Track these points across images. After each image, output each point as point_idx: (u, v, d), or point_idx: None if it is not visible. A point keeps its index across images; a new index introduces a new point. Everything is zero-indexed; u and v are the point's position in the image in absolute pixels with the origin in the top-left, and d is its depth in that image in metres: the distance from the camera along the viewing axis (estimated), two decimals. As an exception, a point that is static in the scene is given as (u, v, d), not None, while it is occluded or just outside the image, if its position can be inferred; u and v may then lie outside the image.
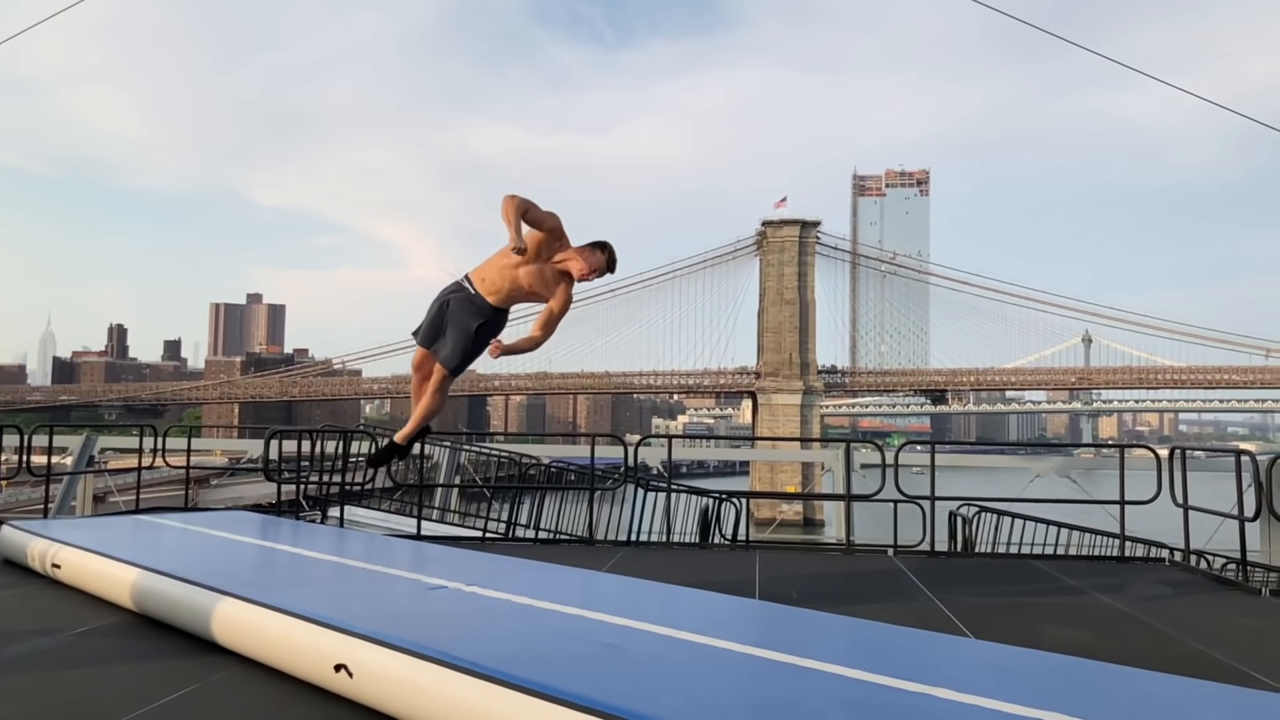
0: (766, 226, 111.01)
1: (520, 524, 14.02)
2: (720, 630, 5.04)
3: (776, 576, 8.74)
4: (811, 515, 75.60)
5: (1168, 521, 10.43)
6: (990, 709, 3.81)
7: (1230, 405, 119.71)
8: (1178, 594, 8.60)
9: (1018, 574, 9.44)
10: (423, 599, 5.87)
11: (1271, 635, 6.89)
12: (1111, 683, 4.40)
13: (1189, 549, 10.42)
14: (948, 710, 3.80)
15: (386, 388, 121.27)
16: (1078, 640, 6.23)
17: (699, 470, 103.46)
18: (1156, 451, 11.25)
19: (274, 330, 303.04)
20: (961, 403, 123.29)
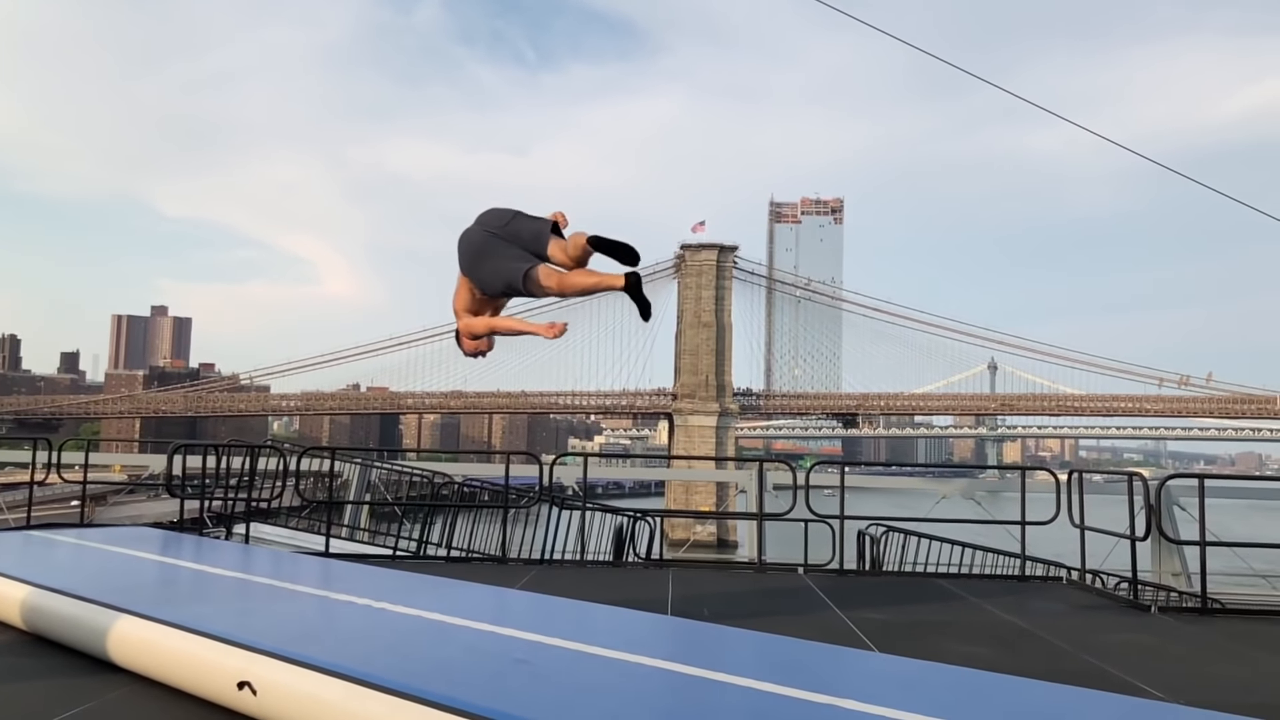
0: (685, 250, 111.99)
1: (432, 543, 13.83)
2: (632, 646, 5.06)
3: (689, 594, 8.80)
4: (725, 536, 76.07)
5: (1068, 544, 10.79)
6: (891, 718, 3.91)
7: (1126, 432, 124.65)
8: (1073, 611, 8.92)
9: (923, 592, 9.67)
10: (331, 615, 5.77)
11: (1159, 649, 7.19)
12: (1008, 694, 4.55)
13: (1084, 568, 10.81)
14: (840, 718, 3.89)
15: (296, 405, 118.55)
16: (978, 655, 6.41)
17: (615, 490, 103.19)
18: (1056, 474, 11.67)
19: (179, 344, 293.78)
20: (872, 426, 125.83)
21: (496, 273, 5.69)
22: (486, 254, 5.72)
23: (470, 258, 5.80)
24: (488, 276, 5.76)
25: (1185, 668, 6.58)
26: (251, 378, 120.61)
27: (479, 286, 5.86)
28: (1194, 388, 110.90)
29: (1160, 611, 9.04)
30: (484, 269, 5.75)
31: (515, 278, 5.61)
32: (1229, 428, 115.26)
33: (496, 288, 5.80)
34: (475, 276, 5.83)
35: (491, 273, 5.72)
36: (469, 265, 5.82)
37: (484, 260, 5.73)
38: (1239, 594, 14.17)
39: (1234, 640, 7.61)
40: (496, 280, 5.73)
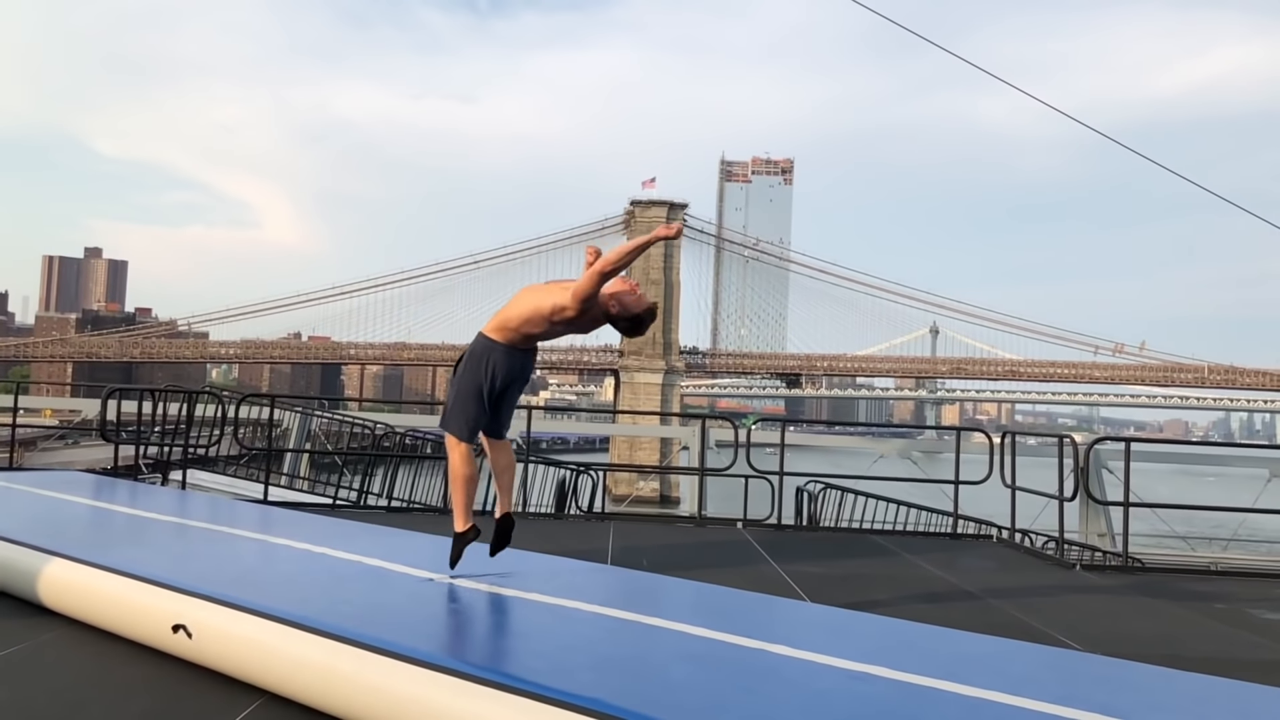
0: (635, 206, 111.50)
1: (373, 493, 13.79)
2: (570, 593, 5.13)
3: (629, 546, 8.91)
4: (669, 492, 76.68)
5: (1001, 504, 11.10)
6: (822, 664, 4.03)
7: (1062, 398, 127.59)
8: (1001, 568, 9.20)
9: (858, 547, 9.89)
10: (268, 560, 5.75)
11: (1078, 603, 7.47)
12: (933, 642, 4.70)
13: (1014, 528, 11.13)
14: (783, 664, 4.00)
15: (235, 352, 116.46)
16: (907, 607, 6.59)
17: (560, 445, 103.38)
18: (990, 435, 11.96)
19: (115, 288, 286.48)
20: (815, 387, 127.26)
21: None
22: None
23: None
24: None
25: (1102, 621, 6.84)
26: (190, 324, 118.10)
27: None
28: (1128, 356, 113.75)
29: (1083, 569, 9.36)
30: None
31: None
32: (1159, 395, 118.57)
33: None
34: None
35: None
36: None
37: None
38: (1160, 554, 14.74)
39: (1149, 596, 7.93)
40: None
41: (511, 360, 5.26)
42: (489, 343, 5.24)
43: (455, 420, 5.27)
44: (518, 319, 5.19)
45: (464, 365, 5.27)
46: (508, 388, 5.33)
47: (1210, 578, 10.16)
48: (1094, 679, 4.17)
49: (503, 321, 5.22)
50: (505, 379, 5.26)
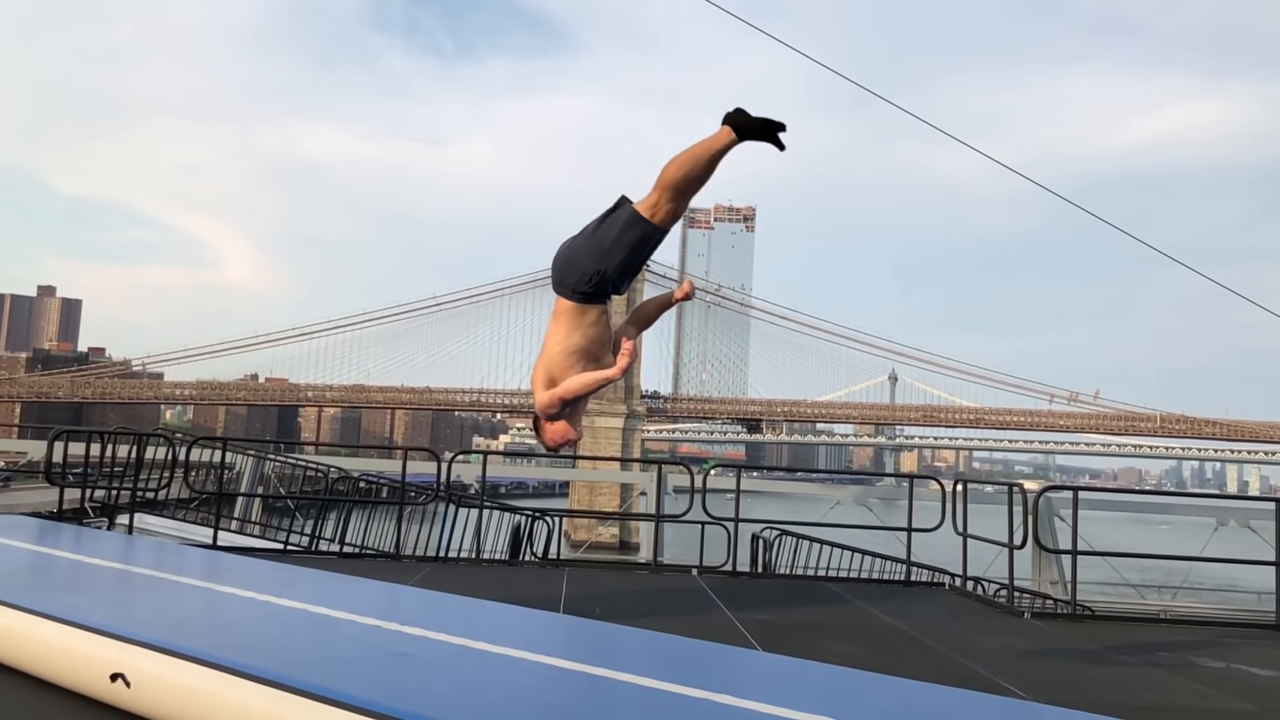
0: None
1: (325, 538, 13.61)
2: (518, 641, 5.10)
3: (582, 593, 8.87)
4: (628, 538, 76.28)
5: (955, 551, 11.20)
6: (767, 713, 4.04)
7: (1018, 445, 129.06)
8: (951, 615, 9.28)
9: (811, 594, 9.93)
10: (212, 607, 5.67)
11: (1026, 651, 7.55)
12: (878, 691, 4.74)
13: (965, 575, 11.23)
14: (728, 714, 4.01)
15: (191, 393, 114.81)
16: (857, 655, 6.63)
17: (519, 490, 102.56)
18: (942, 483, 12.10)
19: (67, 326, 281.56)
20: (775, 432, 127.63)
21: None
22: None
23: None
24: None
25: (1048, 669, 6.92)
26: (144, 364, 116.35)
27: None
28: (1083, 404, 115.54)
29: (1033, 617, 9.46)
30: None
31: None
32: (1113, 444, 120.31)
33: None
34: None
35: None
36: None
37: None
38: (1111, 602, 14.91)
39: (1097, 644, 8.03)
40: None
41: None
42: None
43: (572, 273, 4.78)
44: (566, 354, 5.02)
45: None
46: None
47: (1158, 626, 10.30)
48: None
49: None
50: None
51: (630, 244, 4.83)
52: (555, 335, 5.04)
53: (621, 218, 4.84)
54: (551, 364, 5.06)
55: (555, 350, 5.04)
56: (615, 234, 4.81)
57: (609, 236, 4.81)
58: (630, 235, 4.81)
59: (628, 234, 4.81)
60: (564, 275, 4.91)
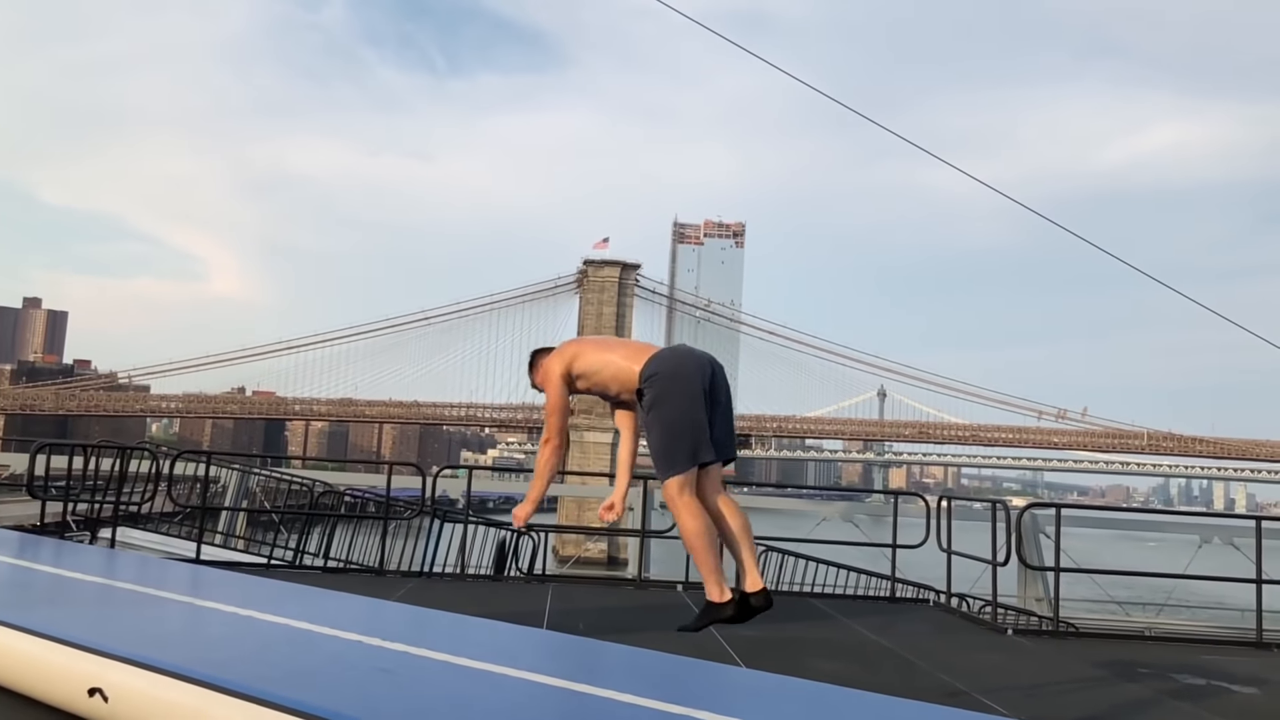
0: (588, 265, 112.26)
1: (309, 553, 13.57)
2: (500, 658, 5.10)
3: (567, 609, 8.87)
4: (616, 554, 76.09)
5: (941, 568, 11.22)
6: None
7: (1006, 462, 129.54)
8: (935, 632, 9.30)
9: (796, 610, 9.93)
10: (193, 622, 5.66)
11: (1007, 668, 7.58)
12: (859, 708, 4.76)
13: (950, 591, 11.26)
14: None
15: (177, 406, 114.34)
16: (840, 671, 6.65)
17: (506, 505, 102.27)
18: (926, 499, 12.14)
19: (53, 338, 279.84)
20: (764, 448, 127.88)
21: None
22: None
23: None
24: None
25: (1030, 686, 6.95)
26: (130, 376, 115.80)
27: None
28: (1070, 421, 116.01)
29: (1016, 634, 9.50)
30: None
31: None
32: (1100, 461, 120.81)
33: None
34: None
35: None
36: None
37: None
38: (1095, 619, 14.95)
39: (1078, 661, 8.06)
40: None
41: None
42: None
43: (666, 459, 4.29)
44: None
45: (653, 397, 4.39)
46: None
47: (1141, 643, 10.34)
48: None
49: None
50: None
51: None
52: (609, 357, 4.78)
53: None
54: (587, 368, 4.80)
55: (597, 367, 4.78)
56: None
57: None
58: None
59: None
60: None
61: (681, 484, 4.26)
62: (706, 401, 4.29)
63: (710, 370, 4.38)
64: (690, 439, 4.24)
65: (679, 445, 4.22)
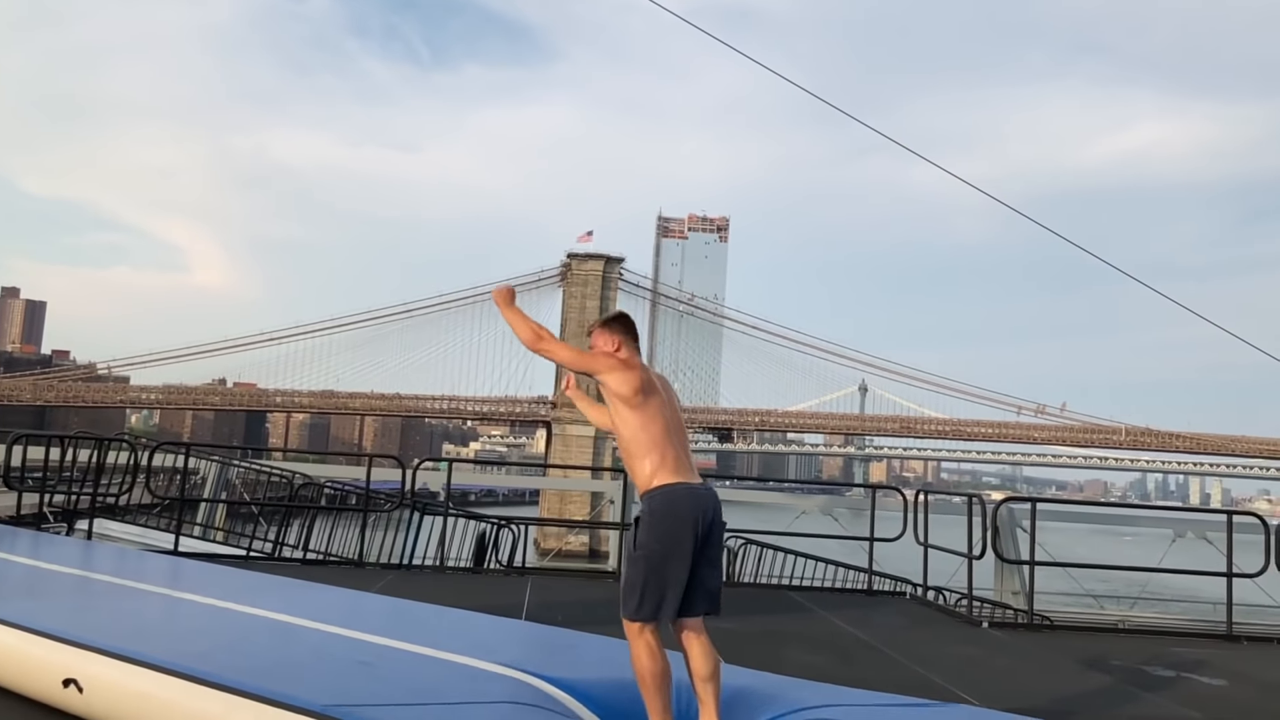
0: (572, 259, 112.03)
1: (289, 544, 13.53)
2: (478, 649, 5.14)
3: (546, 601, 8.90)
4: (598, 547, 75.84)
5: (919, 561, 11.30)
6: (713, 719, 4.10)
7: (985, 457, 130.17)
8: (911, 624, 9.38)
9: (774, 603, 10.00)
10: (171, 614, 5.66)
11: (981, 660, 7.66)
12: (832, 700, 4.81)
13: (926, 584, 11.36)
14: (680, 721, 4.07)
15: (157, 397, 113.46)
16: (816, 664, 6.70)
17: (488, 498, 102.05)
18: (904, 494, 12.22)
19: (31, 328, 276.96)
20: (746, 441, 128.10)
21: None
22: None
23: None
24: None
25: (1002, 678, 7.03)
26: (110, 367, 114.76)
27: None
28: (1049, 416, 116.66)
29: (991, 627, 9.59)
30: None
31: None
32: (1079, 456, 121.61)
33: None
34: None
35: None
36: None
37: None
38: (1071, 612, 15.09)
39: (1052, 653, 8.16)
40: None
41: (679, 499, 4.21)
42: (649, 492, 4.21)
43: (627, 597, 4.18)
44: (637, 443, 4.31)
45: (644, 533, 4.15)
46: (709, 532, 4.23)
47: (1114, 636, 10.46)
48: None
49: (632, 466, 4.30)
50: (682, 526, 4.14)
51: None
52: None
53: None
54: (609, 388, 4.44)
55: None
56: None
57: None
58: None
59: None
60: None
61: (642, 626, 4.18)
62: (696, 553, 4.14)
63: (710, 520, 4.20)
64: (658, 592, 4.10)
65: (649, 594, 4.10)
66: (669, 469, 4.17)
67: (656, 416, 4.30)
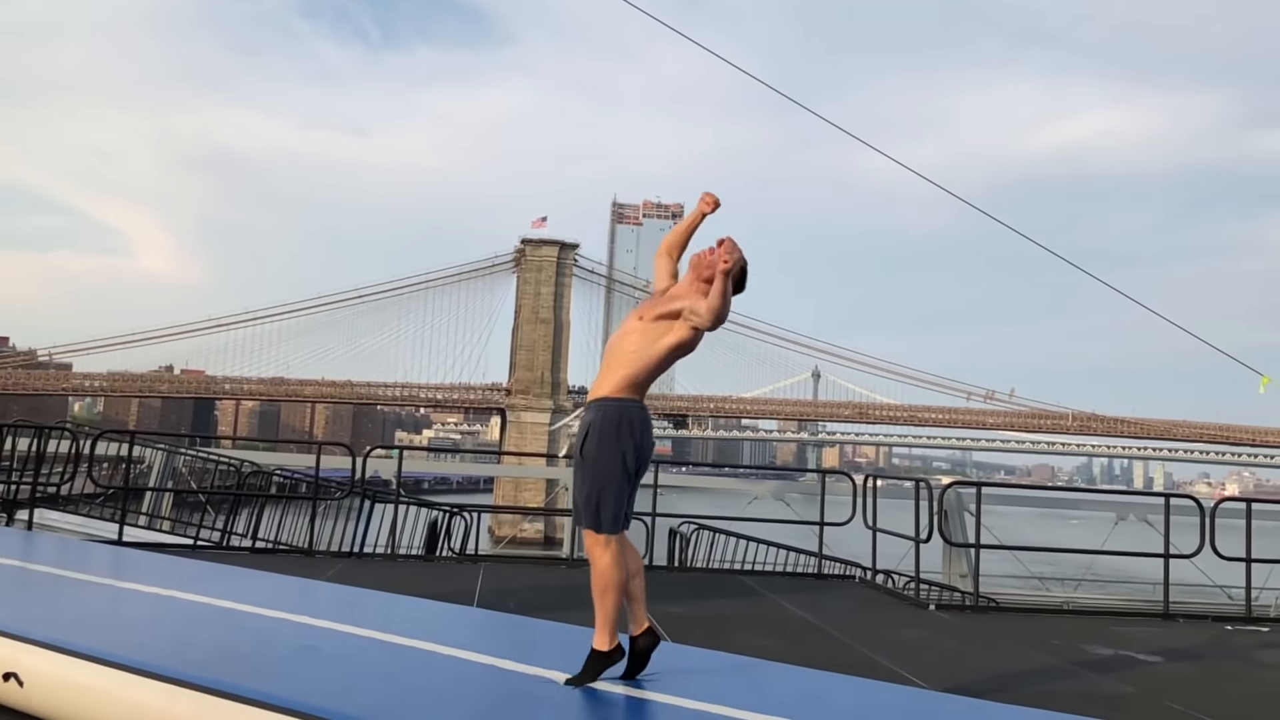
0: (526, 245, 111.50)
1: (237, 533, 13.39)
2: (428, 635, 5.13)
3: (498, 588, 8.89)
4: (553, 534, 76.05)
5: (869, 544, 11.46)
6: (667, 703, 4.15)
7: (936, 442, 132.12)
8: (859, 607, 9.52)
9: (725, 588, 10.09)
10: (113, 604, 5.58)
11: (927, 642, 7.80)
12: (779, 681, 4.88)
13: (875, 568, 11.52)
14: (630, 704, 4.12)
15: (101, 385, 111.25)
16: (765, 646, 6.77)
17: (442, 486, 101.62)
18: (853, 478, 12.38)
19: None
20: (701, 428, 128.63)
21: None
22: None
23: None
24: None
25: (947, 659, 7.16)
26: (51, 354, 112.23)
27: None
28: (998, 402, 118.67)
29: (938, 609, 9.76)
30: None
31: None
32: (1027, 441, 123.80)
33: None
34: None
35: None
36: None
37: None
38: (1017, 594, 15.42)
39: (996, 634, 8.33)
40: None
41: (648, 420, 4.48)
42: (624, 402, 4.36)
43: (601, 511, 4.26)
44: (649, 368, 4.43)
45: (596, 439, 4.31)
46: (646, 458, 4.42)
47: (1057, 616, 10.70)
48: (923, 713, 4.40)
49: (631, 377, 4.38)
50: (648, 444, 4.41)
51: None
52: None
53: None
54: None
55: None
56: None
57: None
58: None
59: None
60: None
61: (609, 539, 4.33)
62: (640, 470, 4.39)
63: (651, 442, 4.46)
64: (623, 504, 4.32)
65: (606, 508, 4.27)
66: (643, 393, 4.44)
67: (671, 362, 4.50)
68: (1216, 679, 7.20)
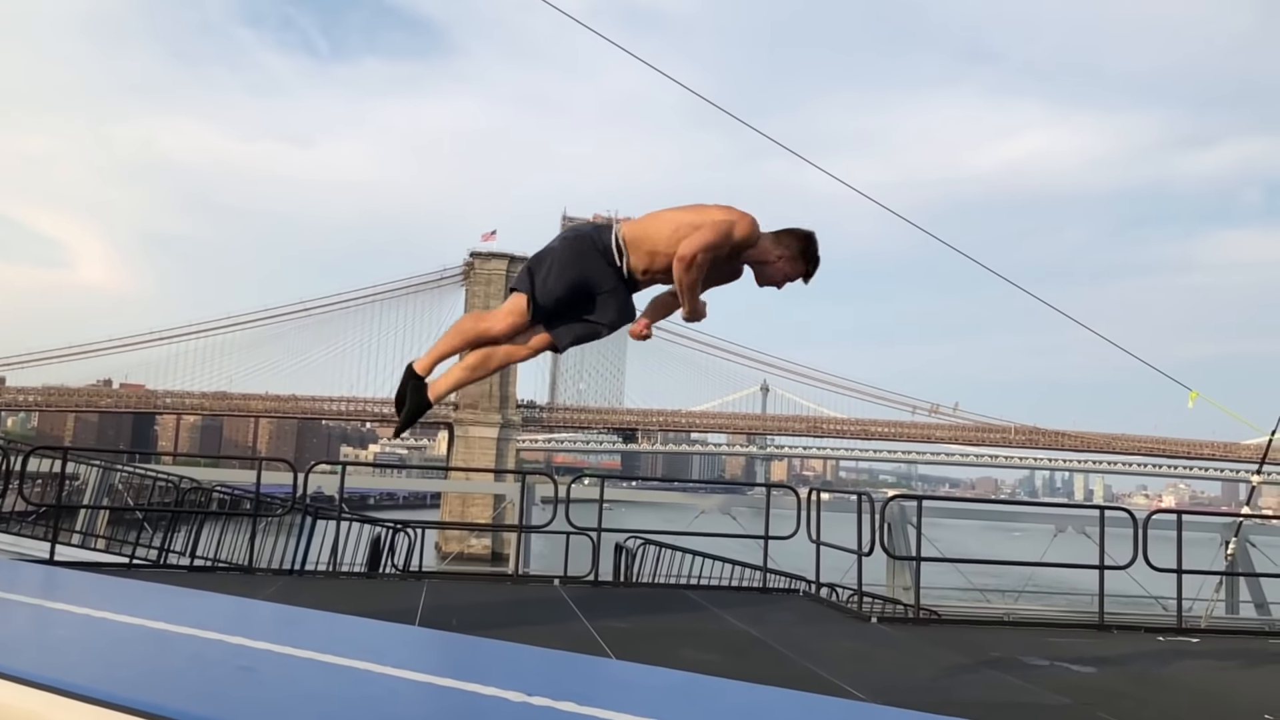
0: (475, 258, 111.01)
1: (175, 551, 13.12)
2: (366, 653, 5.05)
3: (441, 605, 8.84)
4: (500, 549, 75.54)
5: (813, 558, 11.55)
6: (592, 716, 4.15)
7: (882, 455, 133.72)
8: (802, 621, 9.60)
9: (670, 602, 10.12)
10: (40, 625, 5.43)
11: (868, 654, 7.90)
12: (718, 695, 4.89)
13: (819, 581, 11.63)
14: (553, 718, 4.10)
15: (36, 400, 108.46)
16: (708, 660, 6.82)
17: (389, 502, 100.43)
18: (798, 492, 12.49)
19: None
20: (650, 442, 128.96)
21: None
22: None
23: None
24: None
25: (886, 671, 7.26)
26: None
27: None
28: (943, 416, 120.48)
29: (880, 621, 9.88)
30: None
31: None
32: (971, 454, 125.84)
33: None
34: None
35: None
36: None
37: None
38: (959, 606, 15.64)
39: (936, 646, 8.45)
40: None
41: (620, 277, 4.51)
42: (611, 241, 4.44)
43: (535, 277, 4.33)
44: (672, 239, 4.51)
45: (571, 239, 4.47)
46: (595, 297, 4.51)
47: (996, 628, 10.89)
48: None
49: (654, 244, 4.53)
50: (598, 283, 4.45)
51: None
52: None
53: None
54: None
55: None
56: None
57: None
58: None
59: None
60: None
61: (516, 299, 4.37)
62: (568, 298, 4.45)
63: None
64: (553, 291, 4.38)
65: (538, 275, 4.36)
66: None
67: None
68: (1148, 689, 7.38)
